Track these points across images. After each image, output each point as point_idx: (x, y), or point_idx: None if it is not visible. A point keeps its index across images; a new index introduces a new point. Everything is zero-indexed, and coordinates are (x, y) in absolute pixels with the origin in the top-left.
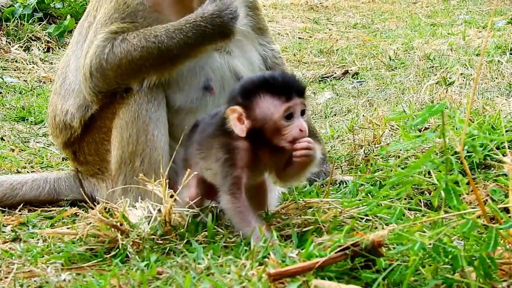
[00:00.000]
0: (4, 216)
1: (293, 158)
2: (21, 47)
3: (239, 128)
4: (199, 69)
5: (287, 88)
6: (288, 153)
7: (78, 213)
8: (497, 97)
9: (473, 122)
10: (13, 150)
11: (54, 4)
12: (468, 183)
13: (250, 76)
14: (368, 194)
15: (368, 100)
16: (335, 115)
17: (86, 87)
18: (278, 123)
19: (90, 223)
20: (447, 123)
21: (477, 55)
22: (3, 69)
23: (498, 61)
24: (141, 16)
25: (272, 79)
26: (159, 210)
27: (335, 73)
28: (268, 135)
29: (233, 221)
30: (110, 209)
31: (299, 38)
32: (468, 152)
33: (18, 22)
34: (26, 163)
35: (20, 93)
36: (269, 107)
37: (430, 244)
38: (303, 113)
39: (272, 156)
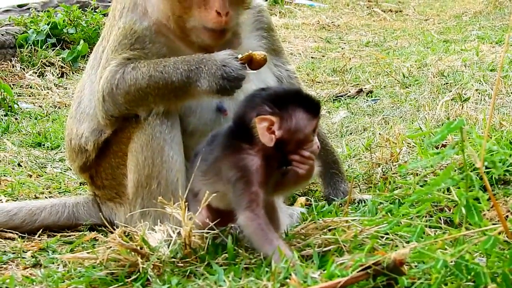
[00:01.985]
0: (24, 242)
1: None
2: (35, 73)
3: (268, 138)
4: None
5: (316, 105)
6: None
7: (97, 238)
8: None
9: (491, 138)
10: (30, 176)
11: (67, 29)
12: (488, 199)
13: (271, 88)
14: (388, 213)
15: (383, 118)
16: (351, 133)
17: (100, 111)
18: (307, 136)
19: (110, 247)
20: (465, 139)
21: (491, 70)
22: (18, 95)
23: None
24: (149, 41)
25: (303, 93)
26: (179, 233)
27: (349, 92)
28: (292, 147)
29: (253, 239)
30: (130, 233)
31: (312, 57)
32: (487, 168)
33: (31, 48)
34: (44, 189)
35: (36, 118)
36: (304, 120)
37: (452, 261)
38: None
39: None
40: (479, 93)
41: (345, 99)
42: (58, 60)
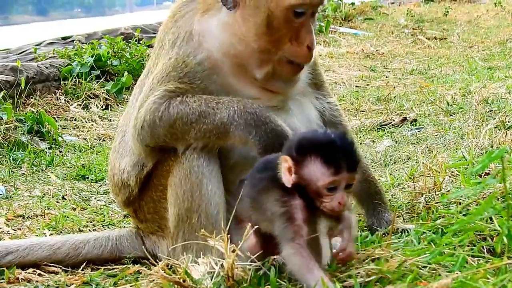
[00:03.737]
0: (68, 275)
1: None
2: (80, 105)
3: (286, 179)
4: None
5: (340, 161)
6: None
7: (141, 271)
8: None
9: None
10: (74, 209)
11: (111, 61)
12: None
13: (312, 130)
14: (431, 242)
15: (427, 147)
16: (394, 163)
17: (134, 139)
18: (319, 190)
19: (153, 280)
20: (507, 168)
21: None
22: (63, 128)
23: None
24: (199, 78)
25: (329, 145)
26: (222, 265)
27: (394, 121)
28: (310, 194)
29: (294, 270)
30: (173, 266)
31: (356, 86)
32: None
33: (76, 80)
34: (87, 222)
35: (80, 151)
36: (316, 173)
37: None
38: (349, 186)
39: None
40: None
41: (389, 128)
42: (103, 92)
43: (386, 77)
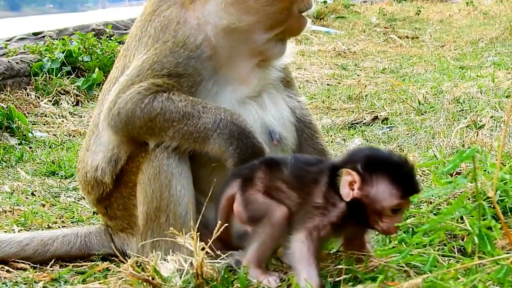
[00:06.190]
0: (36, 272)
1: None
2: (50, 101)
3: (346, 192)
4: None
5: (410, 186)
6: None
7: (109, 268)
8: None
9: (505, 165)
10: (43, 205)
11: (82, 57)
12: (501, 228)
13: (379, 149)
14: (401, 242)
15: (398, 146)
16: None
17: (105, 121)
18: (383, 211)
19: (122, 277)
20: (478, 168)
21: (506, 97)
22: (33, 124)
23: None
24: (193, 65)
25: (400, 167)
26: (191, 263)
27: (365, 119)
28: (368, 212)
29: (296, 256)
30: (142, 263)
31: (328, 84)
32: (500, 196)
33: (46, 76)
34: (57, 218)
35: (50, 147)
36: (385, 193)
37: None
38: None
39: (354, 226)
40: (494, 120)
41: (360, 127)
42: (73, 88)
43: (358, 75)
